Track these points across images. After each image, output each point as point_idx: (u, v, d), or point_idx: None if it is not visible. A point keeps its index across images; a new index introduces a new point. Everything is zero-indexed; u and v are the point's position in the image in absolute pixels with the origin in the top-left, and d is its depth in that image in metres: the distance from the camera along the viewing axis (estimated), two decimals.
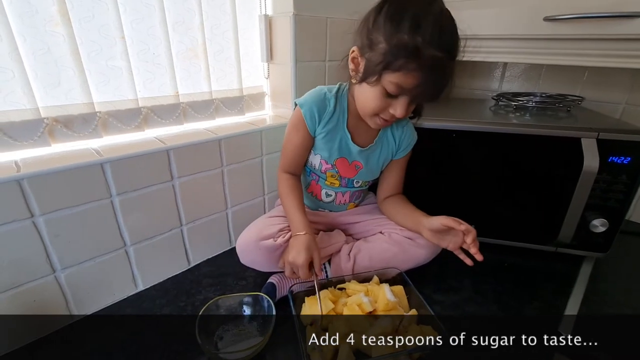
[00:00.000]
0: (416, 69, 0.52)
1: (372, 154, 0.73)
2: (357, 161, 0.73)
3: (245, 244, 0.67)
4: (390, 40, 0.52)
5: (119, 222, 0.66)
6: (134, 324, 0.65)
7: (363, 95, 0.61)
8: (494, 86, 1.17)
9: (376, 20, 0.54)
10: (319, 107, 0.68)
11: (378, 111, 0.61)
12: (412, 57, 0.51)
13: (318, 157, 0.73)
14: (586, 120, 0.80)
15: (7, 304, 0.57)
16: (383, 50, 0.53)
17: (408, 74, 0.52)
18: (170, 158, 0.69)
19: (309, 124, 0.68)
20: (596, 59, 0.71)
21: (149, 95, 0.71)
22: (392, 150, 0.74)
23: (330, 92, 0.69)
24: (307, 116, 0.68)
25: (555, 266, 0.81)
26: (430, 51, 0.50)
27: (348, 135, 0.70)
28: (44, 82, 0.59)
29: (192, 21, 0.74)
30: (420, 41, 0.50)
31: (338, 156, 0.72)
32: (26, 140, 0.59)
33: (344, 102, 0.70)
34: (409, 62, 0.51)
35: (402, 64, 0.52)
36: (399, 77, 0.53)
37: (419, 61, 0.51)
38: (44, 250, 0.58)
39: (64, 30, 0.58)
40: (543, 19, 0.73)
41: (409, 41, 0.50)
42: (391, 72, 0.53)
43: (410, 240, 0.71)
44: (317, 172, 0.75)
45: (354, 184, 0.77)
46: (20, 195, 0.54)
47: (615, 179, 0.70)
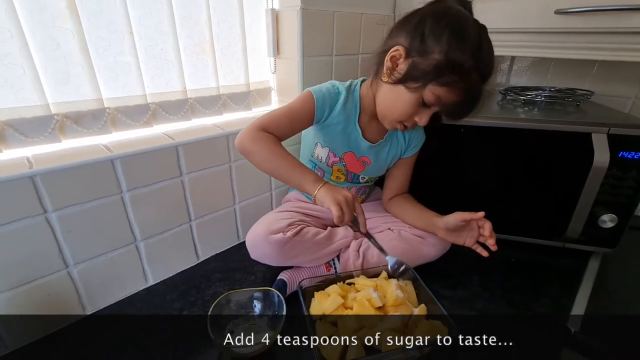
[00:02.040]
0: (463, 89, 0.54)
1: (382, 150, 0.73)
2: (365, 157, 0.73)
3: (255, 238, 0.67)
4: (448, 54, 0.52)
5: (129, 217, 0.66)
6: (145, 319, 0.66)
7: (393, 97, 0.60)
8: (501, 80, 1.16)
9: (436, 27, 0.53)
10: (333, 96, 0.67)
11: (405, 117, 0.61)
12: (464, 76, 0.53)
13: (326, 150, 0.72)
14: (596, 115, 0.79)
15: (21, 298, 0.57)
16: (437, 62, 0.53)
17: (453, 91, 0.54)
18: (179, 154, 0.69)
19: (319, 106, 0.65)
20: (608, 53, 0.70)
21: (157, 90, 0.71)
22: (402, 148, 0.74)
23: (342, 86, 0.69)
24: (319, 101, 0.65)
25: (563, 262, 0.81)
26: (475, 76, 0.53)
27: (359, 131, 0.70)
28: (53, 78, 0.59)
29: (199, 16, 0.73)
30: (476, 64, 0.52)
31: (346, 150, 0.72)
32: (37, 136, 0.59)
33: (355, 97, 0.69)
34: (460, 81, 0.53)
35: (453, 81, 0.53)
36: (443, 91, 0.55)
37: (469, 82, 0.53)
38: (56, 246, 0.59)
39: (73, 26, 0.58)
40: (554, 11, 0.72)
41: (468, 62, 0.52)
42: (437, 85, 0.54)
43: (420, 239, 0.71)
44: (323, 167, 0.75)
45: (360, 179, 0.77)
46: (34, 192, 0.54)
47: (625, 174, 0.69)
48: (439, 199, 0.83)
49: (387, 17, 1.02)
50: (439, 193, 0.85)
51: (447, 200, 0.84)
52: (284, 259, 0.68)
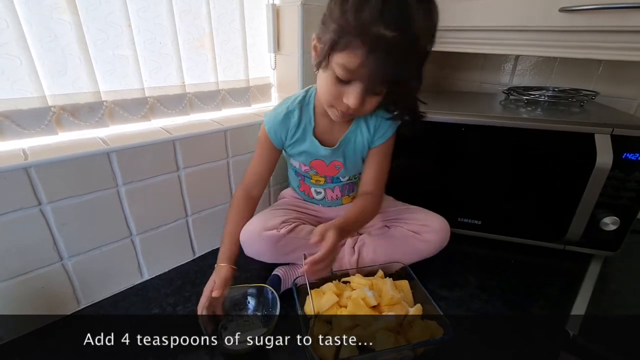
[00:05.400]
0: (359, 47, 0.48)
1: (347, 148, 0.70)
2: (336, 161, 0.72)
3: (249, 234, 0.67)
4: (338, 21, 0.50)
5: (125, 211, 0.66)
6: (139, 312, 0.66)
7: (320, 83, 0.60)
8: (504, 80, 1.15)
9: (329, 3, 0.53)
10: (283, 124, 0.68)
11: (332, 99, 0.58)
12: (355, 34, 0.48)
13: (296, 162, 0.74)
14: (600, 115, 0.78)
15: (16, 289, 0.57)
16: (331, 30, 0.51)
17: (352, 52, 0.49)
18: (176, 148, 0.69)
19: (275, 141, 0.70)
20: (614, 52, 0.68)
21: (155, 85, 0.71)
22: (368, 140, 0.70)
23: (294, 102, 0.68)
24: (271, 133, 0.69)
25: (563, 264, 0.80)
26: (375, 29, 0.47)
27: (316, 142, 0.69)
28: (50, 70, 0.59)
29: (199, 10, 0.73)
30: (364, 18, 0.47)
31: (313, 159, 0.72)
32: (33, 128, 0.59)
33: (309, 109, 0.68)
34: (353, 40, 0.49)
35: (347, 43, 0.49)
36: (343, 57, 0.51)
37: (363, 39, 0.48)
38: (51, 238, 0.59)
39: (71, 17, 0.58)
40: (559, 9, 0.70)
41: (354, 19, 0.48)
42: (338, 53, 0.51)
43: (416, 234, 0.71)
44: (301, 173, 0.76)
45: (341, 178, 0.75)
46: (28, 183, 0.54)
47: (629, 176, 0.68)
48: (438, 198, 0.82)
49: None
50: (439, 192, 0.84)
51: (447, 199, 0.83)
52: (277, 256, 0.68)
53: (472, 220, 0.84)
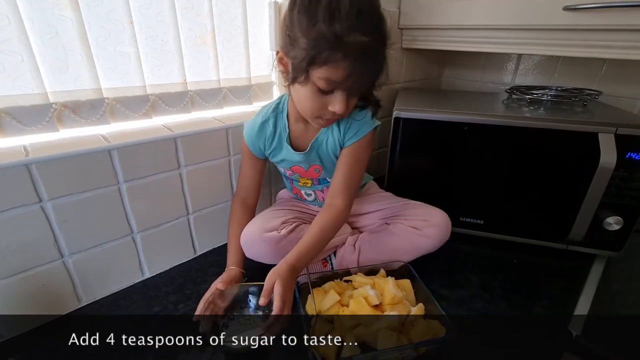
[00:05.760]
0: (342, 59, 0.47)
1: (320, 150, 0.69)
2: (314, 165, 0.71)
3: (250, 236, 0.67)
4: (308, 34, 0.48)
5: (126, 209, 0.66)
6: (139, 310, 0.65)
7: (299, 96, 0.58)
8: (507, 79, 1.15)
9: (291, 16, 0.50)
10: (259, 134, 0.69)
11: (317, 111, 0.57)
12: (334, 47, 0.47)
13: (281, 168, 0.75)
14: (604, 115, 0.78)
15: (16, 287, 0.57)
16: (304, 46, 0.49)
17: (335, 65, 0.48)
18: (178, 146, 0.69)
19: (254, 151, 0.71)
20: (618, 51, 0.68)
21: (157, 82, 0.71)
22: (339, 139, 0.67)
23: (269, 111, 0.69)
24: (250, 146, 0.70)
25: (566, 264, 0.80)
26: (353, 37, 0.46)
27: (290, 149, 0.69)
28: (52, 67, 0.58)
29: (201, 7, 0.72)
30: (338, 28, 0.46)
31: (292, 165, 0.72)
32: (35, 125, 0.58)
33: (283, 117, 0.68)
34: (333, 53, 0.47)
35: (327, 57, 0.48)
36: (326, 72, 0.49)
37: (343, 50, 0.47)
38: (52, 235, 0.58)
39: (72, 14, 0.57)
40: (562, 8, 0.70)
41: (327, 30, 0.46)
42: (318, 67, 0.49)
43: (416, 230, 0.70)
44: (288, 177, 0.76)
45: (327, 179, 0.75)
46: (29, 180, 0.54)
47: (632, 175, 0.67)
48: (440, 197, 0.82)
49: (392, 12, 1.01)
50: (441, 191, 0.84)
51: (449, 198, 0.83)
52: (279, 257, 0.67)
53: (475, 219, 0.84)
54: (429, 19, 0.96)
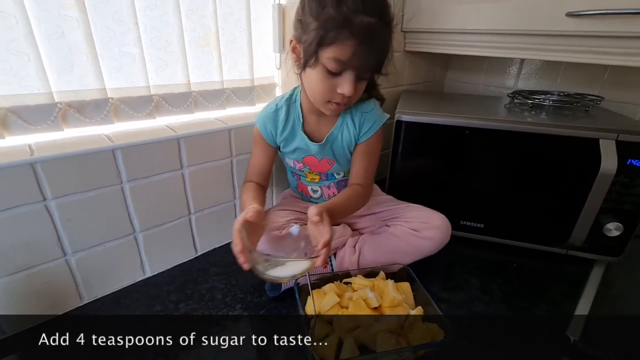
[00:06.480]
0: (349, 37, 0.52)
1: (334, 144, 0.72)
2: (327, 157, 0.73)
3: None
4: (318, 17, 0.53)
5: (128, 208, 0.66)
6: (140, 310, 0.66)
7: (309, 81, 0.61)
8: (509, 83, 1.15)
9: (303, 3, 0.56)
10: (271, 119, 0.70)
11: (327, 94, 0.60)
12: (342, 27, 0.51)
13: (290, 161, 0.75)
14: (605, 120, 0.78)
15: (19, 284, 0.58)
16: (315, 29, 0.53)
17: (342, 44, 0.52)
18: (181, 146, 0.69)
19: (266, 136, 0.72)
20: (620, 58, 0.68)
21: (160, 82, 0.71)
22: (355, 135, 0.71)
23: (282, 100, 0.71)
24: (262, 130, 0.71)
25: (566, 269, 0.80)
26: (359, 18, 0.51)
27: (305, 137, 0.70)
28: (57, 67, 0.59)
29: (205, 9, 0.73)
30: (345, 10, 0.51)
31: (305, 155, 0.73)
32: (40, 124, 0.59)
33: (297, 106, 0.70)
34: (340, 32, 0.52)
35: (334, 36, 0.52)
36: (334, 51, 0.53)
37: (350, 29, 0.51)
38: (55, 234, 0.59)
39: (78, 14, 0.58)
40: (565, 14, 0.70)
41: (335, 12, 0.51)
42: (326, 47, 0.54)
43: (416, 232, 0.71)
44: (296, 172, 0.77)
45: (335, 175, 0.76)
46: (34, 179, 0.54)
47: (633, 182, 0.68)
48: (441, 200, 0.82)
49: (396, 14, 1.01)
50: (442, 194, 0.84)
51: (450, 202, 0.83)
52: None
53: (475, 223, 0.84)
54: (432, 23, 0.97)
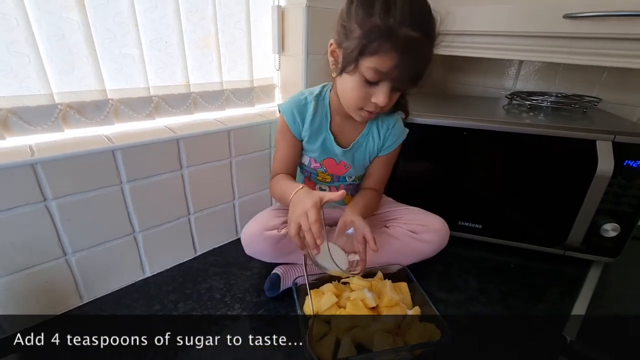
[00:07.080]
0: (391, 50, 0.51)
1: (357, 152, 0.72)
2: (345, 161, 0.73)
3: (251, 234, 0.68)
4: (363, 26, 0.52)
5: (128, 208, 0.67)
6: (139, 310, 0.66)
7: (344, 87, 0.61)
8: (507, 84, 1.15)
9: (349, 9, 0.55)
10: (300, 110, 0.69)
11: (361, 102, 0.60)
12: (386, 38, 0.51)
13: (307, 157, 0.74)
14: (602, 122, 0.78)
15: (19, 283, 0.58)
16: (358, 37, 0.53)
17: (384, 56, 0.52)
18: (180, 147, 0.70)
19: (292, 127, 0.69)
20: (618, 60, 0.69)
21: (160, 84, 0.72)
22: (378, 146, 0.72)
23: (311, 94, 0.70)
24: (290, 120, 0.69)
25: (563, 269, 0.80)
26: (404, 31, 0.50)
27: (331, 137, 0.70)
28: (58, 68, 0.59)
29: (205, 11, 0.73)
30: (392, 22, 0.50)
31: (325, 156, 0.72)
32: (40, 125, 0.59)
33: (325, 104, 0.70)
34: (384, 44, 0.51)
35: (377, 47, 0.52)
36: (375, 61, 0.53)
37: (394, 41, 0.51)
38: (55, 234, 0.59)
39: (79, 16, 0.58)
40: (563, 16, 0.71)
41: (382, 23, 0.50)
42: (367, 57, 0.53)
43: (414, 234, 0.71)
44: (309, 169, 0.76)
45: (347, 178, 0.77)
46: (34, 179, 0.55)
47: (630, 183, 0.68)
48: (439, 201, 0.82)
49: None
50: (440, 196, 0.85)
51: (448, 203, 0.84)
52: (278, 256, 0.68)
53: (473, 224, 0.84)
54: None
